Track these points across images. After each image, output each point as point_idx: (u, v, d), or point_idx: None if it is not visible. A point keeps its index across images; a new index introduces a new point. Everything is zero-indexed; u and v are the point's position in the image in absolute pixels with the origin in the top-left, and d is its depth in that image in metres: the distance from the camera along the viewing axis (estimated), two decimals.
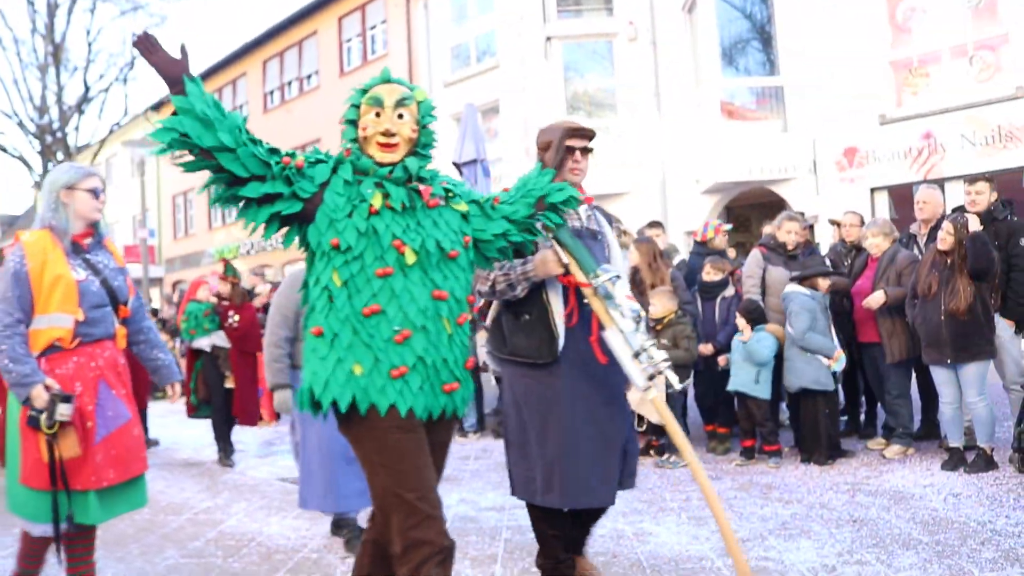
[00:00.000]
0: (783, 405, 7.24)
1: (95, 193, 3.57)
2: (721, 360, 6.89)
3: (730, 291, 7.24)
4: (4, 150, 27.24)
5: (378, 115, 2.72)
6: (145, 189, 18.64)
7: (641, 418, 4.75)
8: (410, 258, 2.66)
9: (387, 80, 2.79)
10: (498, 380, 8.97)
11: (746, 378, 6.55)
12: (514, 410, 3.60)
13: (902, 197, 12.05)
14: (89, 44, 26.08)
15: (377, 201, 2.67)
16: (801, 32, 13.37)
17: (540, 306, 3.48)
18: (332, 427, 4.26)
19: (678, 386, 3.33)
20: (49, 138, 25.90)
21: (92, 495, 3.40)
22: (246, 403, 8.01)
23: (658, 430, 6.51)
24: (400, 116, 2.74)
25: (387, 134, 2.72)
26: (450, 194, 2.88)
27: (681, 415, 7.14)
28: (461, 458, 7.07)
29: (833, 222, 8.39)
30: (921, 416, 7.05)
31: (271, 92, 25.78)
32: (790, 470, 6.30)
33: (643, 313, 3.38)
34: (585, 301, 3.38)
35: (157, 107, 30.70)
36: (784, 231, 7.08)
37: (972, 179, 6.57)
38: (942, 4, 12.36)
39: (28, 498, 3.36)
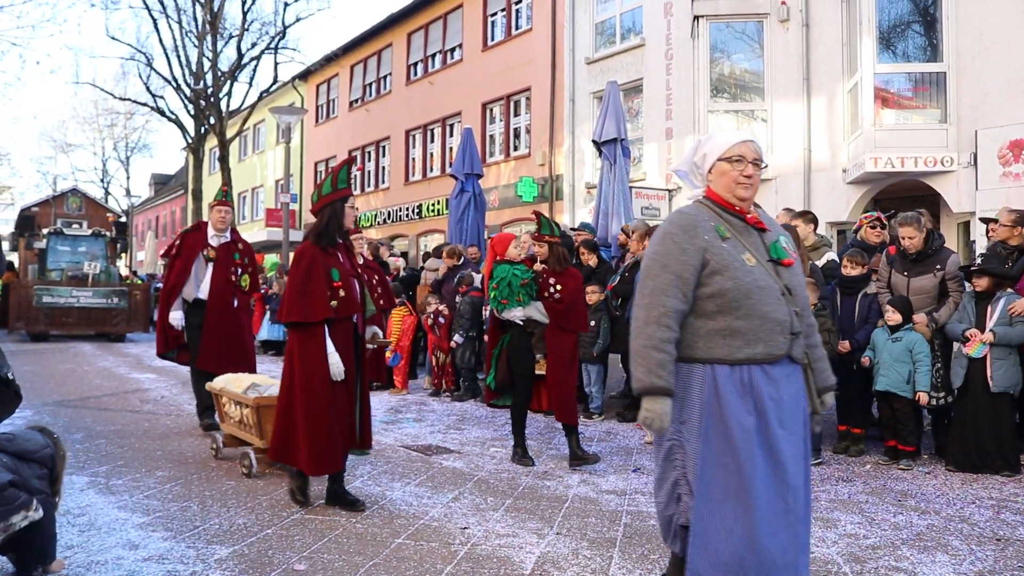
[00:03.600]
0: (924, 411, 6.89)
1: None
2: (864, 360, 6.57)
3: (872, 287, 6.91)
4: (163, 113, 28.86)
5: None
6: (289, 155, 19.31)
7: None
8: None
9: None
10: (624, 364, 8.91)
11: (897, 378, 6.30)
12: None
13: None
14: (244, 13, 27.19)
15: None
16: (971, 15, 12.55)
17: None
18: (758, 457, 2.85)
19: None
20: (203, 103, 27.23)
21: None
22: (563, 398, 6.29)
23: None
24: None
25: None
26: None
27: None
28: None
29: (985, 220, 7.87)
30: None
31: (415, 64, 26.19)
32: (928, 479, 5.98)
33: None
34: None
35: (304, 76, 31.76)
36: (901, 233, 6.64)
37: None
38: None
39: None
